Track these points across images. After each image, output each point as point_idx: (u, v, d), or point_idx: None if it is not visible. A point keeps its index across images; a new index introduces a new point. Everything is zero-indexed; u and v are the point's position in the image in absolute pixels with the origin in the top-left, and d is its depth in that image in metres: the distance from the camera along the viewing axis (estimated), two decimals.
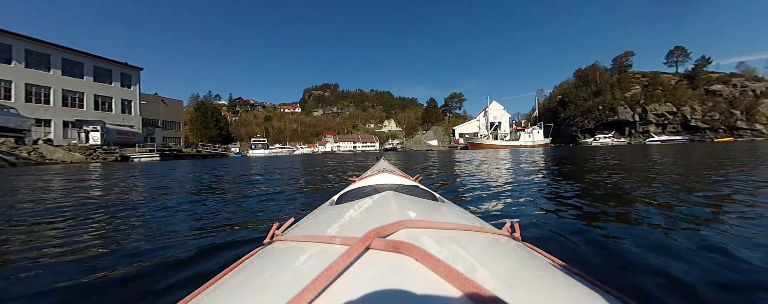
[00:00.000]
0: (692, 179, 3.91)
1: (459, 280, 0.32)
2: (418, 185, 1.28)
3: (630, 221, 1.94)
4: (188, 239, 1.76)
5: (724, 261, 1.27)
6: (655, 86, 60.25)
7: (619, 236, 1.63)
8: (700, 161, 6.66)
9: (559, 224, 1.92)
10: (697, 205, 2.36)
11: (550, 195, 3.04)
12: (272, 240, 0.65)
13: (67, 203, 3.25)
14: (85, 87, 25.80)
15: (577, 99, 71.07)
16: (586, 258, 1.37)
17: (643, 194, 2.87)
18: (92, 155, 18.17)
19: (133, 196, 3.68)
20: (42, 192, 4.11)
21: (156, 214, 2.59)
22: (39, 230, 2.12)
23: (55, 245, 1.72)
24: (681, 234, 1.64)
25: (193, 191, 4.03)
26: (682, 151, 12.60)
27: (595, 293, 0.40)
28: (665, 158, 8.16)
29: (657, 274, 1.17)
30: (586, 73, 75.29)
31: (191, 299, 0.47)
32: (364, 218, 0.59)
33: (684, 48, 69.14)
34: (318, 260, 0.43)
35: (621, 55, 72.90)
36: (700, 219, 1.94)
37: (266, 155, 43.14)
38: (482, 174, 5.53)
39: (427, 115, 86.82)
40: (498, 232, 0.59)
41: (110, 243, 1.76)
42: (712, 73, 60.15)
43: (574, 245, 1.52)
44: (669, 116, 56.51)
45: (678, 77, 62.59)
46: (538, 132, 55.51)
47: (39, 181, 5.78)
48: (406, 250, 0.38)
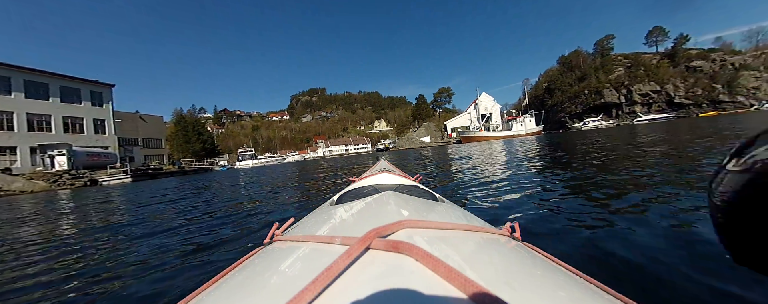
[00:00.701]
0: (686, 165, 3.68)
1: (459, 280, 0.32)
2: (418, 185, 1.28)
3: (632, 219, 1.85)
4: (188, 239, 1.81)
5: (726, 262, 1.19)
6: (638, 67, 60.95)
7: (621, 236, 1.59)
8: (686, 140, 6.60)
9: (559, 224, 1.88)
10: (691, 196, 2.19)
11: (549, 193, 2.92)
12: (272, 240, 0.66)
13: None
14: (51, 109, 24.23)
15: (563, 85, 71.54)
16: (586, 258, 1.36)
17: (641, 188, 2.68)
18: (58, 181, 16.83)
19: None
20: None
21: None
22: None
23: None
24: (678, 230, 1.58)
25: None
26: (670, 129, 12.60)
27: (595, 293, 0.40)
28: (653, 138, 8.07)
29: (657, 274, 1.17)
30: (570, 59, 75.88)
31: (191, 299, 0.48)
32: (364, 218, 0.59)
33: (662, 28, 70.06)
34: (318, 260, 0.43)
35: (602, 38, 73.58)
36: (697, 213, 1.80)
37: (255, 165, 41.93)
38: (479, 170, 5.15)
39: (417, 112, 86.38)
40: (498, 232, 0.59)
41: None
42: (691, 50, 61.09)
43: (574, 245, 1.51)
44: (653, 95, 57.21)
45: (659, 56, 63.37)
46: (530, 120, 55.02)
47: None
48: (406, 250, 0.38)
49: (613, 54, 69.83)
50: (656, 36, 70.73)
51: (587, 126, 54.01)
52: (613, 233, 1.63)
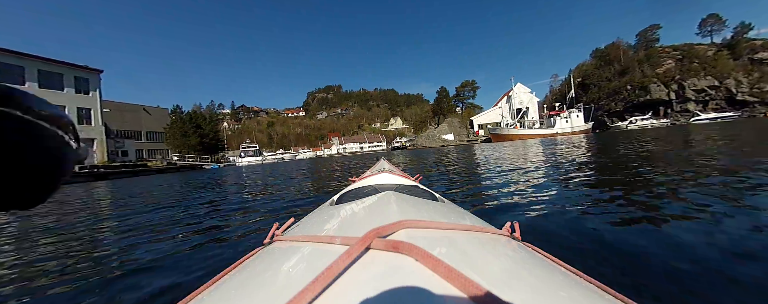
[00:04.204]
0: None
1: (459, 280, 0.32)
2: (418, 185, 1.28)
3: (635, 218, 1.81)
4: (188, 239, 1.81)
5: (734, 262, 1.17)
6: (691, 59, 53.49)
7: (622, 237, 1.57)
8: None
9: (559, 224, 1.86)
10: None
11: (551, 193, 2.85)
12: (272, 240, 0.66)
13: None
14: None
15: (600, 80, 64.37)
16: (586, 258, 1.34)
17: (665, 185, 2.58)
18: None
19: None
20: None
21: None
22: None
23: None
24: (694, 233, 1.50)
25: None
26: (751, 129, 10.22)
27: (595, 293, 0.40)
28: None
29: (657, 276, 1.16)
30: (607, 52, 68.42)
31: (191, 299, 0.48)
32: (364, 218, 0.59)
33: (718, 15, 61.87)
34: (318, 260, 0.43)
35: (646, 28, 66.03)
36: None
37: (260, 163, 38.75)
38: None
39: (437, 107, 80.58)
40: (498, 232, 0.59)
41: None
42: (755, 41, 53.04)
43: (574, 245, 1.50)
44: (711, 91, 49.85)
45: (716, 47, 55.53)
46: (578, 116, 47.26)
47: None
48: (406, 250, 0.38)
49: (659, 46, 62.21)
50: (711, 25, 62.54)
51: (634, 125, 47.38)
52: (616, 233, 1.59)
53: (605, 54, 68.50)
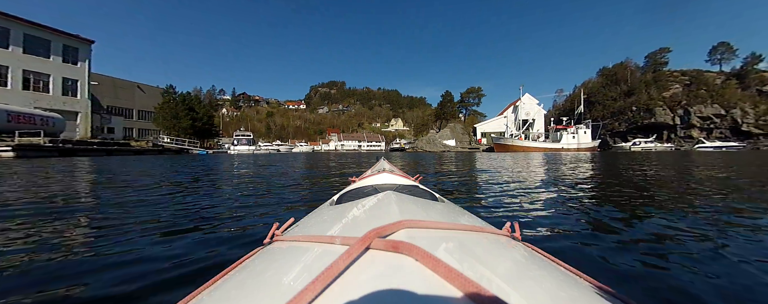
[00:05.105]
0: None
1: (459, 280, 0.32)
2: (418, 185, 1.28)
3: (636, 220, 1.81)
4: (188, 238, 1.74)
5: (730, 270, 1.20)
6: (699, 86, 52.94)
7: (623, 237, 1.58)
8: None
9: (559, 224, 1.87)
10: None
11: (552, 194, 2.93)
12: (272, 240, 0.66)
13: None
14: (9, 59, 20.47)
15: (605, 99, 63.70)
16: (586, 258, 1.35)
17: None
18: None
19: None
20: None
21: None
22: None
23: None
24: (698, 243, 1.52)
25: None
26: (751, 160, 9.93)
27: (595, 293, 0.40)
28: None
29: (657, 275, 1.16)
30: (614, 72, 67.77)
31: (191, 299, 0.47)
32: (364, 218, 0.59)
33: (729, 44, 61.44)
34: (318, 260, 0.43)
35: (656, 51, 65.39)
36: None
37: (252, 152, 37.53)
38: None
39: (441, 111, 79.12)
40: (498, 232, 0.59)
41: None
42: (764, 73, 52.56)
43: (574, 245, 1.50)
44: (716, 119, 49.31)
45: (725, 76, 55.06)
46: (585, 132, 46.11)
47: None
48: (406, 250, 0.38)
49: (667, 69, 61.65)
50: (721, 53, 62.06)
51: (637, 147, 46.63)
52: (618, 234, 1.63)
53: (612, 73, 67.84)
